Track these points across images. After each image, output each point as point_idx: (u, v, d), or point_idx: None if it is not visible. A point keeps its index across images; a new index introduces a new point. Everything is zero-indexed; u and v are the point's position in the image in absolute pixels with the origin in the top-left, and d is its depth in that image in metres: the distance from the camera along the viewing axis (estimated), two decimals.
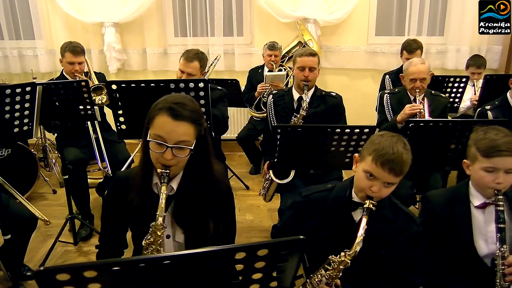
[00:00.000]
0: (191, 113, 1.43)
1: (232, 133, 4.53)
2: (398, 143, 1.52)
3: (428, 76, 2.94)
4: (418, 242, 1.66)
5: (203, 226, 1.53)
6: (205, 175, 1.54)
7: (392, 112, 3.07)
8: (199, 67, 2.84)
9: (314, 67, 2.77)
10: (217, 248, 0.93)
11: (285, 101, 2.92)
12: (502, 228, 1.61)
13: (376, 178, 1.52)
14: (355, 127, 2.21)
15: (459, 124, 2.42)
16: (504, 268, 1.58)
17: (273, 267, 1.03)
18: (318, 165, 2.42)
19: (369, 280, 1.67)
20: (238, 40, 4.83)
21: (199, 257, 0.94)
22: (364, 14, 4.75)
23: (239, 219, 3.48)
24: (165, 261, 0.92)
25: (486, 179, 1.65)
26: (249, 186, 4.15)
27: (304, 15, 4.59)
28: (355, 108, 3.98)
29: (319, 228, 1.68)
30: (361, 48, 4.82)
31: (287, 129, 2.32)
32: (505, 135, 1.65)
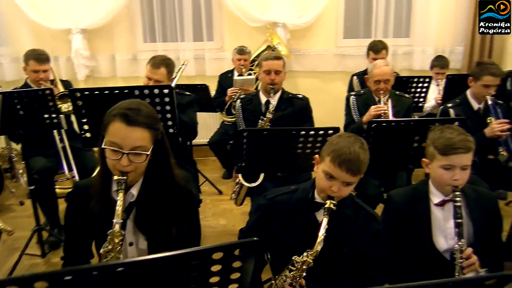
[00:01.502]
0: (145, 118, 1.43)
1: (204, 138, 4.51)
2: (355, 143, 1.56)
3: (392, 78, 3.01)
4: (379, 240, 1.69)
5: (165, 231, 1.53)
6: (166, 180, 1.54)
7: (358, 114, 3.12)
8: (166, 73, 2.83)
9: (280, 70, 2.80)
10: (171, 254, 0.93)
11: (253, 105, 2.95)
12: (460, 223, 1.67)
13: (335, 178, 1.55)
14: (319, 129, 2.24)
15: (421, 123, 2.49)
16: (462, 261, 1.63)
17: (230, 269, 1.04)
18: (285, 167, 2.45)
19: (334, 279, 1.69)
20: (209, 45, 4.83)
21: (153, 263, 0.94)
22: (332, 18, 4.84)
23: (212, 223, 3.48)
24: (119, 268, 0.92)
25: (444, 176, 1.71)
26: (222, 191, 4.14)
27: (274, 19, 4.63)
28: (327, 110, 4.04)
29: (284, 230, 1.70)
30: (330, 51, 4.89)
31: (253, 132, 2.33)
32: (459, 133, 1.72)
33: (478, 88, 2.88)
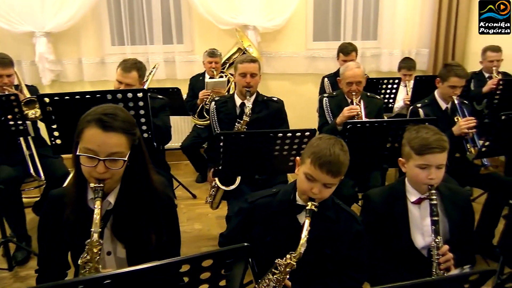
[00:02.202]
0: (122, 123, 1.39)
1: (176, 142, 4.46)
2: (335, 145, 1.57)
3: (363, 79, 3.07)
4: (360, 240, 1.71)
5: (144, 239, 1.49)
6: (144, 187, 1.50)
7: (332, 115, 3.16)
8: (138, 77, 2.78)
9: (256, 73, 2.80)
10: (160, 263, 0.90)
11: (227, 107, 2.93)
12: (436, 220, 1.71)
13: (315, 180, 1.56)
14: (296, 131, 2.25)
15: (394, 123, 2.55)
16: (439, 258, 1.67)
17: (219, 276, 1.02)
18: (263, 170, 2.45)
19: (316, 280, 1.70)
20: (179, 47, 4.77)
21: (142, 273, 0.91)
22: (302, 21, 4.90)
23: (187, 229, 3.43)
24: (106, 281, 0.88)
25: (420, 175, 1.75)
26: (196, 195, 4.09)
27: (244, 22, 4.63)
28: (298, 112, 4.07)
29: (266, 233, 1.70)
30: (301, 54, 4.95)
31: (230, 135, 2.32)
32: (434, 133, 1.77)
33: (445, 89, 2.97)
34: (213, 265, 0.97)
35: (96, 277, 0.89)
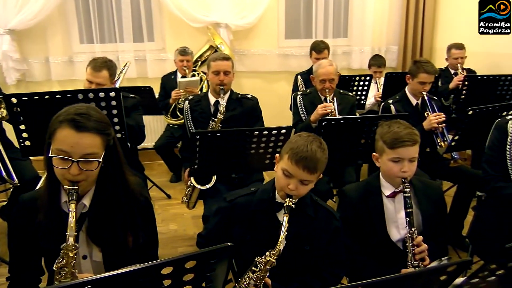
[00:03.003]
0: (96, 123, 1.35)
1: (149, 142, 4.38)
2: (313, 142, 1.59)
3: (336, 77, 3.11)
4: (338, 236, 1.74)
5: (121, 242, 1.46)
6: (120, 188, 1.47)
7: (305, 112, 3.19)
8: (109, 76, 2.72)
9: (229, 71, 2.79)
10: (143, 266, 0.88)
11: (201, 106, 2.90)
12: (410, 212, 1.75)
13: (292, 176, 1.57)
14: (272, 128, 2.26)
15: (367, 120, 2.59)
16: (414, 249, 1.71)
17: (203, 277, 1.01)
18: (239, 168, 2.44)
19: (296, 277, 1.71)
20: (150, 46, 4.70)
21: (123, 277, 0.89)
22: (274, 19, 4.91)
23: (162, 229, 3.38)
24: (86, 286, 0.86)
25: (393, 169, 1.79)
26: (171, 195, 4.05)
27: (216, 20, 4.60)
28: (272, 109, 4.08)
29: (245, 231, 1.69)
30: (273, 51, 4.96)
31: (206, 134, 2.30)
32: (406, 127, 1.81)
33: (415, 85, 3.05)
34: (197, 266, 0.95)
35: (76, 283, 0.86)
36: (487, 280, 1.24)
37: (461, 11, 4.79)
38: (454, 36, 4.63)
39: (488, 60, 4.30)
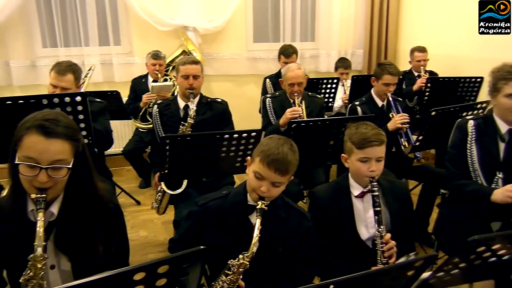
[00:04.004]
0: (65, 129, 1.32)
1: (117, 147, 4.30)
2: (284, 144, 1.61)
3: (304, 80, 3.15)
4: (310, 236, 1.76)
5: (91, 250, 1.42)
6: (89, 195, 1.43)
7: (275, 115, 3.21)
8: (74, 79, 2.65)
9: (198, 75, 2.78)
10: (114, 272, 0.87)
11: (171, 110, 2.87)
12: (378, 211, 1.80)
13: (264, 178, 1.59)
14: (242, 131, 2.27)
15: (335, 121, 2.65)
16: (383, 246, 1.76)
17: (176, 282, 1.01)
18: (210, 172, 2.43)
19: (269, 278, 1.72)
20: (116, 49, 4.62)
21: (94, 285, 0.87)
22: (242, 22, 4.94)
23: (132, 236, 3.31)
24: None
25: (362, 169, 1.84)
26: (140, 201, 3.99)
27: (183, 23, 4.58)
28: (242, 112, 4.08)
29: (218, 235, 1.69)
30: (242, 55, 4.99)
31: (176, 138, 2.28)
32: (373, 128, 1.87)
33: (380, 87, 3.14)
34: (170, 271, 0.95)
35: None
36: (451, 273, 1.29)
37: (423, 15, 4.98)
38: (416, 39, 4.81)
39: (448, 62, 4.48)
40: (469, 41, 4.27)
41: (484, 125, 2.19)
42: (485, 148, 2.15)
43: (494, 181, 2.13)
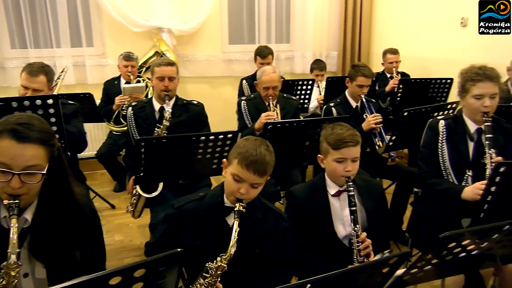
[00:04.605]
0: (39, 133, 1.29)
1: (91, 150, 4.22)
2: (261, 145, 1.61)
3: (279, 84, 3.17)
4: (287, 237, 1.77)
5: (67, 256, 1.39)
6: (65, 200, 1.40)
7: (250, 118, 3.22)
8: (46, 81, 2.59)
9: (174, 77, 2.75)
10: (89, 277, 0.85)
11: (146, 112, 2.84)
12: (354, 210, 1.83)
13: (243, 180, 1.58)
14: (219, 133, 2.26)
15: (311, 122, 2.67)
16: (359, 245, 1.79)
17: (153, 286, 0.99)
18: (186, 174, 2.42)
19: (247, 280, 1.72)
20: (89, 51, 4.54)
21: None
22: (217, 24, 4.93)
23: (107, 241, 3.20)
24: None
25: (338, 169, 1.87)
26: (115, 205, 3.92)
27: (158, 25, 4.54)
28: (218, 114, 4.08)
29: (195, 238, 1.68)
30: (217, 56, 4.98)
31: (152, 141, 2.25)
32: (348, 129, 1.90)
33: (354, 88, 3.19)
34: (146, 275, 0.93)
35: None
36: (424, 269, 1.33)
37: (394, 18, 5.10)
38: (388, 41, 4.92)
39: (419, 64, 4.60)
40: (439, 43, 4.40)
41: (454, 125, 2.25)
42: (455, 147, 2.22)
43: (464, 179, 2.20)
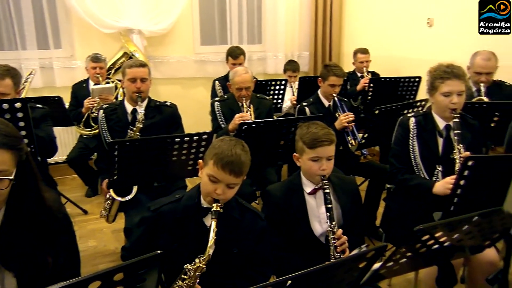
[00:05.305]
0: (5, 137, 1.24)
1: (61, 155, 4.10)
2: (236, 145, 1.62)
3: (252, 84, 3.18)
4: (264, 236, 1.78)
5: (39, 264, 1.35)
6: (35, 206, 1.35)
7: (224, 119, 3.21)
8: (13, 84, 2.51)
9: (146, 78, 2.72)
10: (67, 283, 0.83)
11: (118, 115, 2.79)
12: (330, 207, 1.85)
13: (219, 180, 1.58)
14: (193, 134, 2.25)
15: (285, 122, 2.70)
16: (335, 242, 1.81)
17: None
18: (161, 177, 2.39)
19: (226, 280, 1.72)
20: (56, 53, 4.42)
21: None
22: (189, 25, 4.90)
23: (81, 247, 3.10)
24: None
25: (313, 168, 1.89)
26: (88, 210, 3.84)
27: (128, 26, 4.47)
28: (192, 115, 4.06)
29: (173, 240, 1.66)
30: (189, 58, 4.95)
31: (125, 143, 2.21)
32: (323, 128, 1.92)
33: (326, 88, 3.24)
34: (126, 278, 0.92)
35: None
36: (399, 262, 1.36)
37: (364, 19, 5.20)
38: (359, 41, 5.02)
39: (389, 63, 4.71)
40: (406, 42, 4.53)
41: (424, 121, 2.32)
42: (425, 144, 2.29)
43: (434, 174, 2.27)
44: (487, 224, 1.43)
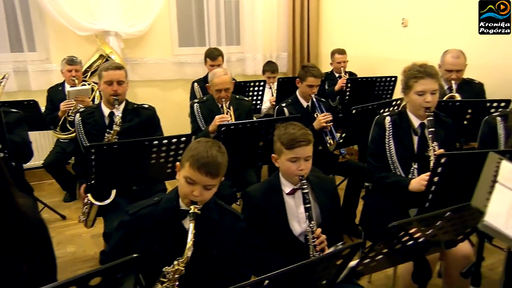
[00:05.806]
0: None
1: (37, 160, 4.03)
2: (212, 147, 1.62)
3: (231, 85, 3.19)
4: (244, 237, 1.79)
5: (13, 272, 1.32)
6: (8, 213, 1.33)
7: (203, 121, 3.21)
8: None
9: (122, 80, 2.69)
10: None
11: (95, 118, 2.75)
12: (308, 207, 1.88)
13: (195, 182, 1.59)
14: (172, 137, 2.24)
15: (263, 123, 2.71)
16: (314, 241, 1.84)
17: None
18: (140, 180, 2.37)
19: (206, 282, 1.72)
20: (31, 56, 4.32)
21: None
22: (166, 26, 4.87)
23: (59, 253, 3.12)
24: None
25: (291, 168, 1.91)
26: (66, 216, 3.77)
27: (104, 28, 4.42)
28: (171, 118, 4.03)
29: (152, 243, 1.65)
30: (168, 59, 4.92)
31: (102, 147, 2.19)
32: (300, 128, 1.95)
33: (304, 88, 3.27)
34: (103, 283, 0.92)
35: None
36: (376, 259, 1.39)
37: (341, 20, 5.27)
38: (336, 42, 5.08)
39: (365, 63, 4.79)
40: (382, 43, 4.61)
41: (399, 120, 2.37)
42: (401, 142, 2.34)
43: (410, 171, 2.32)
44: (459, 219, 1.47)
